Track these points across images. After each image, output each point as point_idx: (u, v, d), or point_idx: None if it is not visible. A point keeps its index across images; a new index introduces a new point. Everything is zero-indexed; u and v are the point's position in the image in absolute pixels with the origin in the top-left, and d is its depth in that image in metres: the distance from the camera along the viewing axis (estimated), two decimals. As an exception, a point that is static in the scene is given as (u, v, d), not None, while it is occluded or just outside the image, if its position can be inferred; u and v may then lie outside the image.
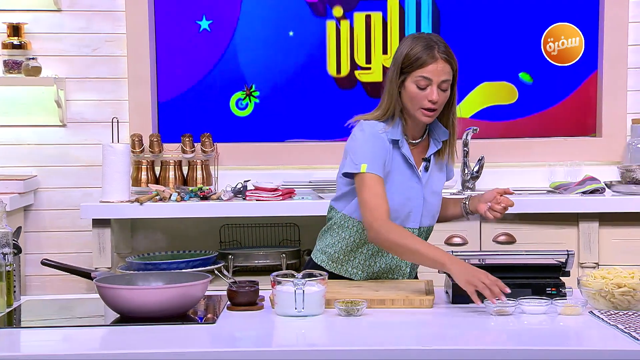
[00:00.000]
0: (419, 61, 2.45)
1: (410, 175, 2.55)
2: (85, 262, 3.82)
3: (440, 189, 2.65)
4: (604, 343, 1.97)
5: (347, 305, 2.20)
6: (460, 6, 4.21)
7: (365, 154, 2.48)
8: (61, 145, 4.13)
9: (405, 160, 2.54)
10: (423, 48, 2.46)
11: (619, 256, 3.58)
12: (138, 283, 2.32)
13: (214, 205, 3.68)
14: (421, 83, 2.46)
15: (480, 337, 2.03)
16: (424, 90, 2.46)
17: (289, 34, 4.23)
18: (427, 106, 2.47)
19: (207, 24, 4.21)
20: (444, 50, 2.47)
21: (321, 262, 2.62)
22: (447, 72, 2.47)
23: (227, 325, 2.15)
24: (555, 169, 4.03)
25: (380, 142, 2.50)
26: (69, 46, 4.11)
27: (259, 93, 4.24)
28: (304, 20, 4.22)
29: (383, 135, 2.51)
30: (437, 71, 2.45)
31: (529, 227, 3.63)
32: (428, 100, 2.46)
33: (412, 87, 2.47)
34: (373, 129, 2.51)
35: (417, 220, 2.57)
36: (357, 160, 2.48)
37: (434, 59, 2.45)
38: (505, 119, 4.23)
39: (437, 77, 2.45)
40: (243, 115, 4.25)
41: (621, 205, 3.59)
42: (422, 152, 2.60)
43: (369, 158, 2.47)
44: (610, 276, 2.24)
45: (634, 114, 4.09)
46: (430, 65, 2.45)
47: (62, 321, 2.24)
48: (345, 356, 1.91)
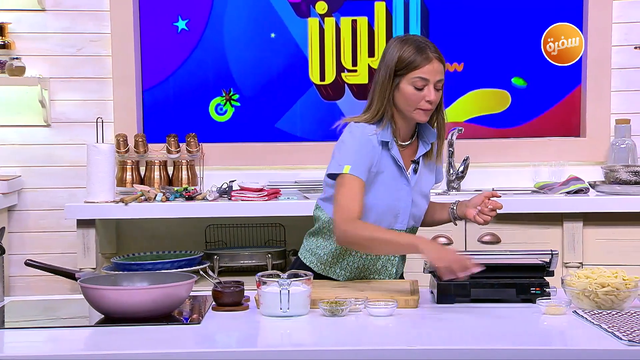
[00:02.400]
0: (414, 63, 2.48)
1: (399, 177, 2.56)
2: (70, 263, 3.80)
3: (428, 190, 2.66)
4: (588, 342, 1.98)
5: (332, 305, 2.20)
6: (450, 8, 4.19)
7: (351, 157, 2.49)
8: (45, 146, 4.11)
9: (395, 162, 2.55)
10: (415, 50, 2.49)
11: (602, 256, 3.60)
12: (123, 283, 2.32)
13: (199, 206, 3.67)
14: (418, 84, 2.48)
15: (465, 337, 2.03)
16: (421, 91, 2.49)
17: (270, 36, 4.21)
18: (424, 107, 2.50)
19: (184, 23, 4.19)
20: (436, 50, 2.52)
21: (310, 262, 2.63)
22: (441, 71, 2.51)
23: (212, 326, 2.15)
24: (539, 169, 4.05)
25: (368, 145, 2.51)
26: (53, 46, 4.09)
27: (238, 96, 4.22)
28: (287, 21, 4.21)
29: (373, 138, 2.51)
30: (433, 71, 2.49)
31: (513, 227, 3.64)
32: (426, 100, 2.49)
33: (409, 89, 2.49)
34: (363, 132, 2.52)
35: (404, 222, 2.58)
36: (341, 161, 2.50)
37: (428, 59, 2.48)
38: (498, 126, 4.22)
39: (433, 77, 2.49)
40: (222, 121, 4.23)
41: (605, 205, 3.61)
42: (411, 154, 2.61)
43: (353, 160, 2.48)
44: (594, 276, 2.25)
45: (618, 115, 4.11)
46: (426, 66, 2.48)
47: (47, 322, 2.23)
48: (330, 356, 1.91)
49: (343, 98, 4.21)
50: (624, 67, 4.12)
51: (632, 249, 3.59)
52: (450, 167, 3.95)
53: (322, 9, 4.19)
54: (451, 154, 3.95)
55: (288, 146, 4.20)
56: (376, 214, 2.53)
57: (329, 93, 4.22)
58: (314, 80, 4.21)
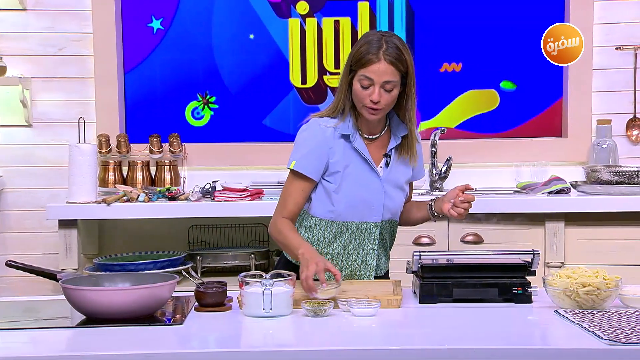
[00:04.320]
0: (363, 60, 2.48)
1: (368, 170, 2.58)
2: (52, 264, 3.78)
3: (403, 183, 2.65)
4: (569, 342, 1.99)
5: (315, 305, 2.20)
6: (437, 9, 4.18)
7: (298, 152, 2.57)
8: (27, 146, 4.09)
9: (359, 155, 2.56)
10: (369, 47, 2.48)
11: (584, 256, 3.62)
12: (104, 284, 2.31)
13: (182, 206, 3.66)
14: (364, 82, 2.49)
15: (447, 337, 2.04)
16: (367, 90, 2.49)
17: (249, 37, 4.20)
18: (369, 105, 2.50)
19: (158, 22, 4.17)
20: (391, 52, 2.47)
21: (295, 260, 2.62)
22: (390, 73, 2.47)
23: (194, 326, 2.14)
24: (522, 169, 4.06)
25: (319, 140, 2.54)
26: (34, 45, 4.07)
27: (215, 98, 4.20)
28: (267, 22, 4.19)
29: (328, 131, 2.54)
30: (379, 72, 2.46)
31: (496, 227, 3.66)
32: (369, 99, 2.49)
33: (357, 86, 2.51)
34: (316, 127, 2.56)
35: (379, 214, 2.60)
36: (291, 157, 2.58)
37: (377, 59, 2.46)
38: (488, 131, 4.23)
39: (379, 78, 2.47)
40: (199, 125, 4.21)
41: (586, 205, 3.63)
42: (382, 146, 2.62)
43: (300, 156, 2.55)
44: (575, 275, 2.26)
45: (599, 115, 4.14)
46: (372, 66, 2.47)
47: (28, 323, 2.22)
48: (313, 356, 1.91)
49: (325, 102, 4.20)
50: (605, 67, 4.14)
51: (613, 248, 3.62)
52: (433, 167, 3.96)
53: (303, 9, 4.18)
54: (434, 154, 3.96)
55: (271, 146, 4.19)
56: (351, 206, 2.56)
57: (310, 96, 4.21)
58: (294, 84, 4.20)
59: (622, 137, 4.14)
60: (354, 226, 2.59)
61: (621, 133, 4.15)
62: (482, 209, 3.53)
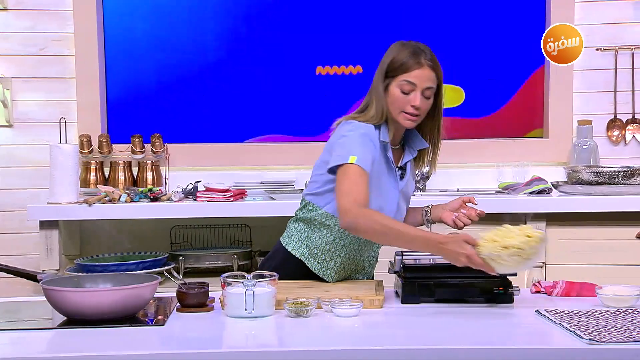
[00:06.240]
0: (404, 66, 2.47)
1: (390, 179, 2.56)
2: (33, 265, 3.76)
3: (410, 196, 2.67)
4: (550, 341, 2.00)
5: (297, 306, 2.20)
6: (407, 6, 4.23)
7: (356, 149, 2.45)
8: (7, 146, 4.07)
9: (388, 164, 2.54)
10: (409, 54, 2.48)
11: (565, 255, 3.64)
12: (86, 285, 2.30)
13: (164, 207, 3.65)
14: (405, 87, 2.47)
15: (429, 337, 2.04)
16: (408, 95, 2.48)
17: (238, 34, 4.22)
18: (409, 111, 2.48)
19: (141, 22, 4.16)
20: (430, 58, 2.49)
21: (300, 255, 2.59)
22: (431, 79, 2.48)
23: (176, 327, 2.14)
24: (503, 169, 4.08)
25: (371, 142, 2.49)
26: (15, 45, 4.05)
27: (208, 95, 4.21)
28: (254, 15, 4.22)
29: (374, 135, 2.50)
30: (422, 77, 2.47)
31: (478, 227, 3.65)
32: (411, 105, 2.47)
33: (396, 91, 2.48)
34: (365, 129, 2.50)
35: None
36: (346, 153, 2.45)
37: (419, 65, 2.47)
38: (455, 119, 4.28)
39: (421, 83, 2.47)
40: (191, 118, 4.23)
41: (567, 206, 3.65)
42: (397, 159, 2.61)
43: (359, 152, 2.45)
44: (498, 238, 2.23)
45: (580, 115, 4.16)
46: (415, 71, 2.47)
47: (8, 324, 2.21)
48: (295, 357, 1.91)
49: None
50: (586, 68, 4.17)
51: (594, 248, 3.64)
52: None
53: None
54: (416, 155, 3.97)
55: (254, 147, 4.19)
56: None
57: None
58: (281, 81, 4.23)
59: (602, 138, 4.17)
60: None
61: (602, 134, 4.17)
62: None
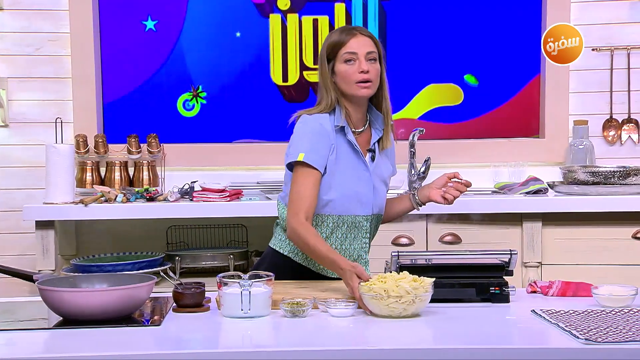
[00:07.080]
0: (340, 42, 2.56)
1: (358, 163, 2.60)
2: (29, 265, 3.76)
3: (386, 177, 2.70)
4: (546, 341, 2.00)
5: (293, 306, 2.20)
6: (407, 9, 4.23)
7: (304, 145, 2.52)
8: (3, 146, 4.06)
9: (352, 148, 2.59)
10: (340, 31, 2.59)
11: (561, 255, 3.64)
12: (82, 285, 2.29)
13: (160, 207, 3.65)
14: (348, 58, 2.55)
15: (425, 337, 2.05)
16: (353, 65, 2.54)
17: (236, 35, 4.22)
18: (360, 78, 2.54)
19: (153, 24, 4.18)
20: (364, 30, 2.60)
21: (289, 252, 2.64)
22: (369, 44, 2.57)
23: (172, 327, 2.14)
24: (499, 169, 4.09)
25: (322, 132, 2.54)
26: (10, 45, 4.05)
27: (205, 94, 4.22)
28: (251, 21, 4.22)
29: (326, 124, 2.55)
30: (360, 43, 2.55)
31: (474, 227, 3.67)
32: (359, 72, 2.53)
33: (342, 66, 2.56)
34: (315, 122, 2.55)
35: (369, 208, 2.62)
36: (295, 150, 2.53)
37: (353, 34, 2.57)
38: (451, 121, 4.28)
39: (361, 49, 2.55)
40: (190, 116, 4.23)
41: (563, 206, 3.66)
42: (365, 142, 2.65)
43: (307, 148, 2.51)
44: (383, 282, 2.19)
45: (576, 116, 4.17)
46: (350, 41, 2.55)
47: (4, 324, 2.20)
48: (292, 357, 1.91)
49: (307, 100, 4.21)
50: (582, 69, 4.17)
51: (589, 248, 3.65)
52: (412, 167, 3.97)
53: (284, 5, 4.21)
54: (412, 155, 3.97)
55: (250, 147, 4.19)
56: (342, 201, 2.57)
57: (292, 95, 4.23)
58: (276, 81, 4.21)
59: (598, 138, 4.17)
60: (349, 220, 2.60)
61: (598, 134, 4.18)
62: (460, 209, 3.54)
